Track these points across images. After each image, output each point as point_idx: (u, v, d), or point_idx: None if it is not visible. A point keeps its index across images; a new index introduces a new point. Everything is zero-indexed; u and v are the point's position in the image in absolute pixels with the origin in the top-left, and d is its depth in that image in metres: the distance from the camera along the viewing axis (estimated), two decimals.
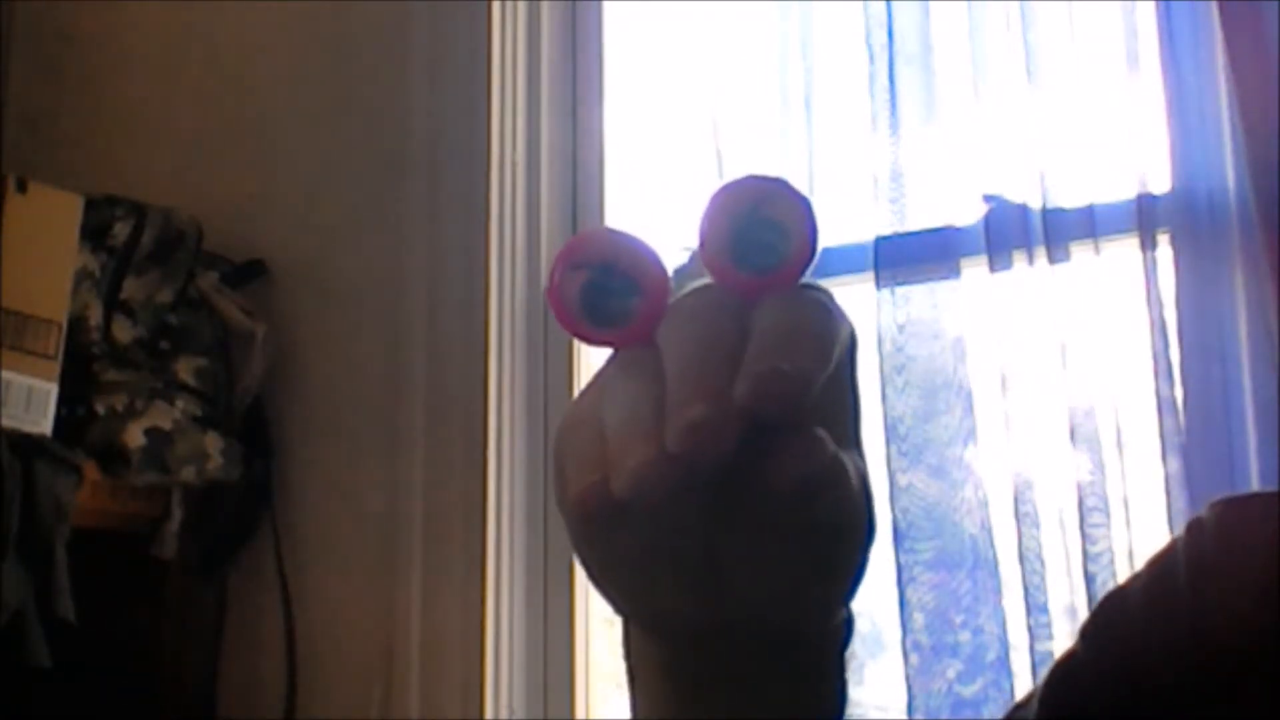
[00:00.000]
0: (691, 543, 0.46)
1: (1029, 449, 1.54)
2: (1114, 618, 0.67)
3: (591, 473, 0.43)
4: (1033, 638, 1.49)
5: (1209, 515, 0.67)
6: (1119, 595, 0.68)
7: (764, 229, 0.44)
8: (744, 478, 0.42)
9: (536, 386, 1.84)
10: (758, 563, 0.46)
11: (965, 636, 1.53)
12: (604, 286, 0.45)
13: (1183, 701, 0.62)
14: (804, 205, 0.44)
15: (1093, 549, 1.48)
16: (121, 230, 1.78)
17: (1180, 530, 0.68)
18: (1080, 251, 1.57)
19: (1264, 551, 0.63)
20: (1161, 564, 0.67)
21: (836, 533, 0.46)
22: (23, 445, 1.59)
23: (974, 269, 1.61)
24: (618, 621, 0.51)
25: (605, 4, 1.97)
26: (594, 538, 0.46)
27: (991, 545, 1.54)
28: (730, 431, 0.41)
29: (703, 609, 0.47)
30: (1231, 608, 0.62)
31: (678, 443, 0.41)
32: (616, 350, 0.45)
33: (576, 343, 0.48)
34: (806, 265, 0.44)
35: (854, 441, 0.47)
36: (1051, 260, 1.57)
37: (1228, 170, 1.53)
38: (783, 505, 0.44)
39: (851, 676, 0.52)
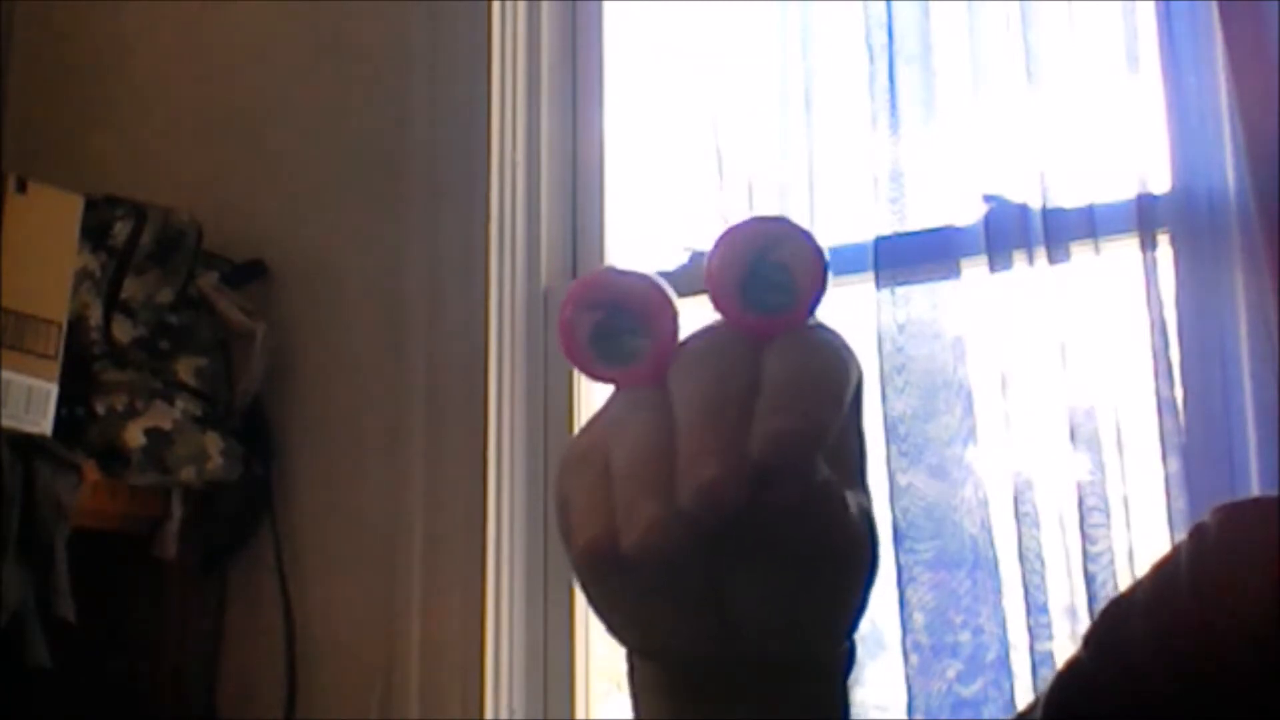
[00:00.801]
0: (693, 579, 0.46)
1: (1029, 449, 1.54)
2: (1117, 625, 0.67)
3: (597, 519, 0.42)
4: (1033, 638, 1.49)
5: (1211, 521, 0.67)
6: (1122, 602, 0.68)
7: (772, 270, 0.44)
8: (745, 512, 0.42)
9: (536, 387, 1.84)
10: (759, 595, 0.46)
11: (965, 636, 1.53)
12: (614, 327, 0.45)
13: (1187, 708, 0.62)
14: (812, 245, 0.44)
15: (1093, 549, 1.48)
16: (121, 230, 1.78)
17: (1182, 533, 0.68)
18: (1080, 251, 1.57)
19: (1266, 556, 0.63)
20: (1164, 570, 0.67)
21: (837, 562, 0.46)
22: (23, 445, 1.59)
23: (974, 269, 1.61)
24: None
25: (605, 4, 1.97)
26: (597, 580, 0.46)
27: (991, 545, 1.54)
28: (743, 489, 0.41)
29: (704, 641, 0.47)
30: (1235, 613, 0.62)
31: (691, 502, 0.40)
32: (621, 387, 0.45)
33: None
34: (815, 305, 0.44)
35: (858, 479, 0.47)
36: (1051, 260, 1.57)
37: (1228, 170, 1.53)
38: (777, 531, 0.44)
39: (852, 687, 0.52)
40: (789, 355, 0.43)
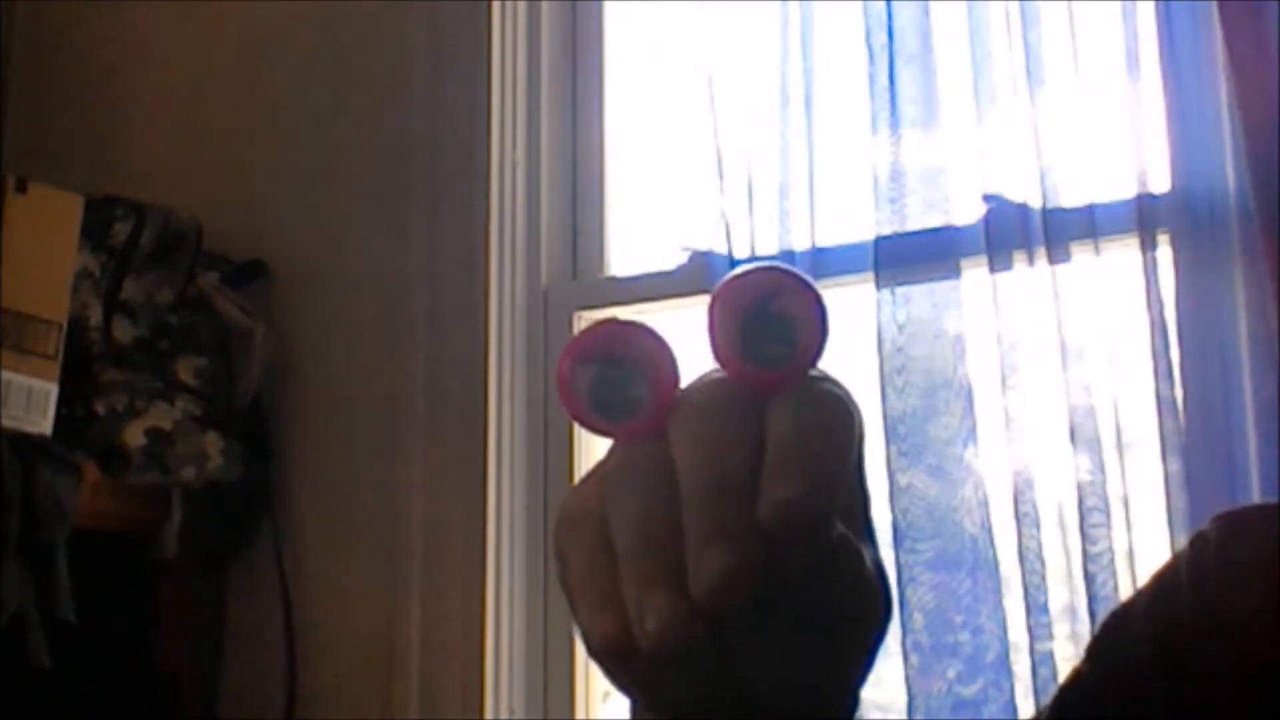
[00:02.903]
0: (705, 651, 0.44)
1: (1029, 449, 1.54)
2: (1118, 635, 0.67)
3: (607, 612, 0.42)
4: (1033, 638, 1.49)
5: (1211, 529, 0.66)
6: (1123, 612, 0.68)
7: (773, 322, 0.43)
8: (760, 582, 0.41)
9: (536, 387, 1.84)
10: (774, 657, 0.45)
11: (965, 636, 1.53)
12: (612, 379, 0.44)
13: (1188, 717, 0.62)
14: (813, 295, 0.43)
15: (1093, 549, 1.48)
16: (121, 230, 1.78)
17: (1182, 533, 0.68)
18: (1080, 251, 1.57)
19: (1266, 565, 0.63)
20: (1164, 580, 0.67)
21: (853, 618, 0.46)
22: (23, 445, 1.59)
23: (974, 269, 1.61)
24: None
25: (605, 4, 1.97)
26: (608, 666, 0.45)
27: (991, 545, 1.54)
28: (756, 574, 0.40)
29: (710, 697, 0.46)
30: (1236, 622, 0.62)
31: (703, 596, 0.40)
32: (620, 441, 0.45)
33: None
34: (817, 357, 0.43)
35: (865, 530, 0.46)
36: (1051, 260, 1.57)
37: (1228, 170, 1.53)
38: (793, 592, 0.43)
39: None
40: (793, 412, 0.42)
